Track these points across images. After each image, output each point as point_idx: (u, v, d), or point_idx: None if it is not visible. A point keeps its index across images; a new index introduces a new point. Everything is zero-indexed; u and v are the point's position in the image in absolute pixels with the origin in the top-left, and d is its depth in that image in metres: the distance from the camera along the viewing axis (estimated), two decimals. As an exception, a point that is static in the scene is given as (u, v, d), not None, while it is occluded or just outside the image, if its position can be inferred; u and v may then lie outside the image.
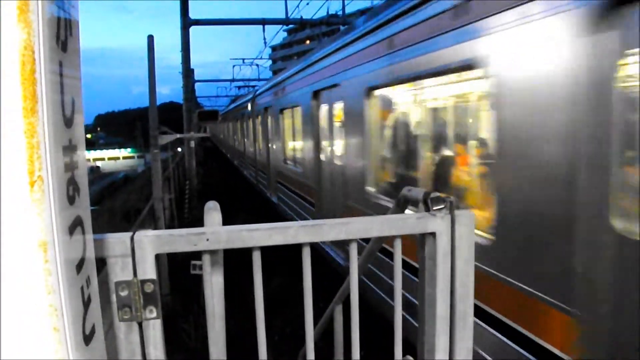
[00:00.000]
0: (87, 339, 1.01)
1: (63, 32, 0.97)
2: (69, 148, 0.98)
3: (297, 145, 10.65)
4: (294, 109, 10.63)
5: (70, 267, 0.94)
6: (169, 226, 10.61)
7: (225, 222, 1.68)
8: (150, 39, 7.60)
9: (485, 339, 3.48)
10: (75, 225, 0.99)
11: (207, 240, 1.55)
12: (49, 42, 0.90)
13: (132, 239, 1.50)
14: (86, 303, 1.02)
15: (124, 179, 57.26)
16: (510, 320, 3.30)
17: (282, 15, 18.20)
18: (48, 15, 0.89)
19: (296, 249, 1.70)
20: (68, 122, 0.98)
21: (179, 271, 7.38)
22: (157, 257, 1.55)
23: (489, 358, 3.46)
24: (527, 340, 3.13)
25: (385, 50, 5.31)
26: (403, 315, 1.88)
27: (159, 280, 1.57)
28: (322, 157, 8.49)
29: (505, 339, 3.34)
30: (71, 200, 0.97)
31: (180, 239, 1.54)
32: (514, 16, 3.12)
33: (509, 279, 3.28)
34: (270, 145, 13.67)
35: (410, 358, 2.16)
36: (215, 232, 1.56)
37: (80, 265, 1.01)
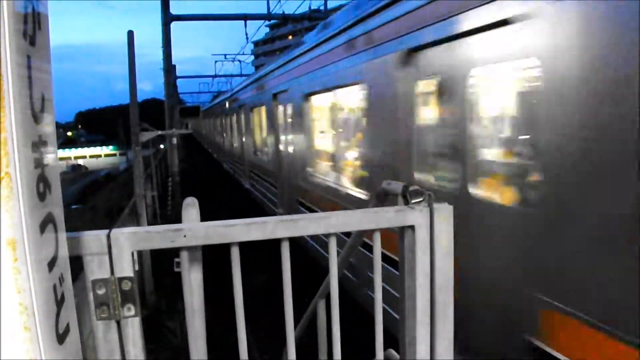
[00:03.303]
0: (61, 338, 0.99)
1: (31, 26, 0.95)
2: (39, 144, 0.96)
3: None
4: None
5: (41, 266, 0.93)
6: (152, 224, 10.51)
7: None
8: (130, 34, 7.50)
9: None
10: (46, 223, 0.97)
11: (185, 236, 1.53)
12: (16, 36, 0.88)
13: (108, 236, 1.48)
14: (59, 302, 1.00)
15: (105, 176, 56.68)
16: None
17: (264, 11, 18.09)
18: (13, 8, 0.87)
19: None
20: (37, 118, 0.96)
21: (164, 270, 7.32)
22: (140, 254, 1.53)
23: None
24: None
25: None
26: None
27: (141, 278, 1.56)
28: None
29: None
30: (42, 197, 0.96)
31: (157, 236, 1.53)
32: None
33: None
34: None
35: (392, 351, 2.17)
36: (192, 229, 1.55)
37: (52, 263, 0.99)
